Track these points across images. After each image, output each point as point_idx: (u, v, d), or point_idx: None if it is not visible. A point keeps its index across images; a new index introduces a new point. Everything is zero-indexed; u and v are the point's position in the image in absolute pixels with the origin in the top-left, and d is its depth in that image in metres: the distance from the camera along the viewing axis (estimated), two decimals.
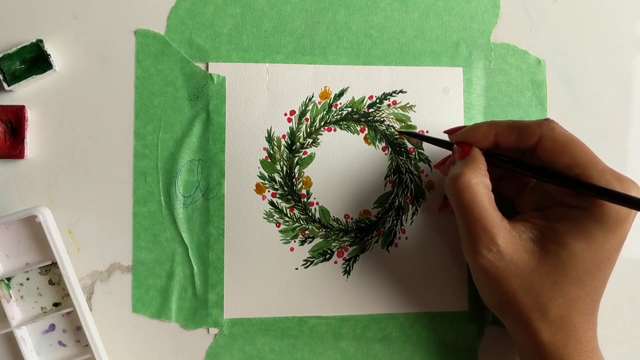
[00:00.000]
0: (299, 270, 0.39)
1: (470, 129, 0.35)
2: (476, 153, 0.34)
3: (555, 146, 0.32)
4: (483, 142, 0.34)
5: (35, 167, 0.37)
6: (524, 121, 0.33)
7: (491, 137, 0.34)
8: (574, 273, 0.31)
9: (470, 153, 0.34)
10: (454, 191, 0.32)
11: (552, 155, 0.32)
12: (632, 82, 0.42)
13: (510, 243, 0.31)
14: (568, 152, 0.31)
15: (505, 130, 0.33)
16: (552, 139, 0.32)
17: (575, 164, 0.31)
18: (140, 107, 0.38)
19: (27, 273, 0.37)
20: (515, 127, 0.33)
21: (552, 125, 0.32)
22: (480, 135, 0.34)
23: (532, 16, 0.41)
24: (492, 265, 0.31)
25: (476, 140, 0.34)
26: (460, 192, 0.32)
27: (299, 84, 0.39)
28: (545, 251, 0.32)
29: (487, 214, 0.31)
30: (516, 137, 0.33)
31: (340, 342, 0.39)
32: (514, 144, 0.33)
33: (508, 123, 0.34)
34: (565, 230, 0.31)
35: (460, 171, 0.32)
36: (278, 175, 0.39)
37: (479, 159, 0.33)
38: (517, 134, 0.33)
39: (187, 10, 0.39)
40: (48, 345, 0.37)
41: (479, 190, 0.32)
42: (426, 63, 0.40)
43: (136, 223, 0.38)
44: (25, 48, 0.36)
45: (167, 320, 0.38)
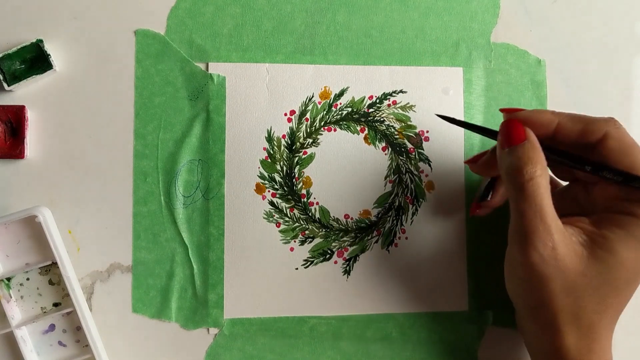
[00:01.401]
0: (299, 270, 0.39)
1: (534, 111, 0.33)
2: (534, 140, 0.31)
3: (621, 147, 0.31)
4: (543, 129, 0.32)
5: (35, 167, 0.37)
6: (589, 116, 0.32)
7: (554, 125, 0.32)
8: (617, 281, 0.31)
9: (529, 138, 0.31)
10: (518, 182, 0.30)
11: (615, 155, 0.31)
12: (632, 82, 0.42)
13: (564, 243, 0.30)
14: (632, 154, 0.31)
15: (570, 121, 0.32)
16: (618, 139, 0.31)
17: (637, 168, 0.31)
18: (140, 107, 0.38)
19: (27, 273, 0.37)
20: (581, 120, 0.32)
21: (618, 124, 0.32)
22: (544, 120, 0.32)
23: (532, 16, 0.41)
24: (544, 262, 0.30)
25: (538, 125, 0.32)
26: (526, 182, 0.30)
27: (299, 84, 0.39)
28: (593, 257, 0.31)
29: (548, 209, 0.30)
30: (580, 130, 0.32)
31: (340, 342, 0.39)
32: (576, 137, 0.32)
33: (572, 115, 0.32)
34: (615, 237, 0.31)
35: (525, 159, 0.31)
36: (278, 175, 0.39)
37: (538, 146, 0.31)
38: (582, 126, 0.32)
39: (187, 10, 0.39)
40: (48, 345, 0.37)
41: (542, 183, 0.30)
42: (426, 63, 0.40)
43: (136, 223, 0.38)
44: (25, 48, 0.36)
45: (167, 320, 0.38)
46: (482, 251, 0.40)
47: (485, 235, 0.40)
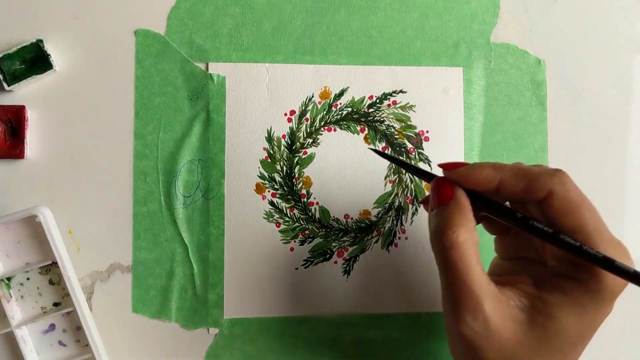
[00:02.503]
0: (299, 270, 0.39)
1: (471, 169, 0.30)
2: (461, 197, 0.30)
3: (564, 206, 0.28)
4: (483, 186, 0.30)
5: (35, 167, 0.37)
6: (533, 169, 0.30)
7: (495, 182, 0.29)
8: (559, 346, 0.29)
9: (455, 196, 0.29)
10: (439, 248, 0.29)
11: (558, 215, 0.28)
12: (632, 82, 0.42)
13: (498, 310, 0.28)
14: (576, 214, 0.28)
15: (513, 178, 0.29)
16: (562, 198, 0.28)
17: (581, 230, 0.28)
18: (140, 107, 0.38)
19: (27, 273, 0.37)
20: (525, 176, 0.29)
21: (564, 180, 0.29)
22: (482, 178, 0.30)
23: (532, 16, 0.41)
24: (475, 334, 0.28)
25: (476, 183, 0.30)
26: (447, 250, 0.28)
27: (299, 84, 0.39)
28: (532, 322, 0.29)
29: (475, 277, 0.28)
30: (524, 187, 0.29)
31: (340, 342, 0.39)
32: (520, 194, 0.29)
33: (517, 169, 0.30)
34: (556, 302, 0.28)
35: (447, 224, 0.29)
36: (278, 175, 0.39)
37: (465, 206, 0.29)
38: (525, 183, 0.29)
39: (187, 10, 0.39)
40: (48, 345, 0.37)
41: (467, 249, 0.28)
42: (426, 63, 0.40)
43: (136, 223, 0.38)
44: (25, 48, 0.36)
45: (167, 320, 0.38)
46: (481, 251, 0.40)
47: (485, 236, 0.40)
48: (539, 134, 0.41)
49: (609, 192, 0.42)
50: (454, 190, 0.30)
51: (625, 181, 0.42)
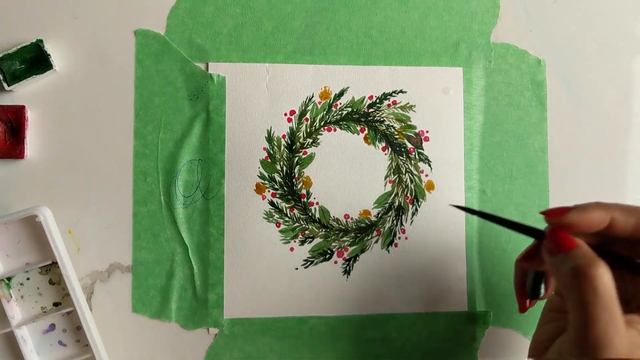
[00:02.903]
0: (299, 270, 0.39)
1: (581, 211, 0.29)
2: (585, 246, 0.29)
3: None
4: (595, 227, 0.29)
5: (35, 167, 0.37)
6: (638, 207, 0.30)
7: (606, 222, 0.29)
8: None
9: (580, 245, 0.29)
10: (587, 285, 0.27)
11: None
12: (632, 82, 0.42)
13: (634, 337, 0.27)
14: None
15: (623, 215, 0.29)
16: None
17: None
18: (140, 107, 0.38)
19: (28, 273, 0.37)
20: (634, 212, 0.29)
21: None
22: (595, 220, 0.29)
23: (532, 16, 0.41)
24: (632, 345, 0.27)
25: (588, 225, 0.29)
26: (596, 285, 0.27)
27: (299, 84, 0.39)
28: None
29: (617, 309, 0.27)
30: (634, 223, 0.29)
31: (340, 342, 0.39)
32: (631, 231, 0.29)
33: (624, 207, 0.29)
34: None
35: (589, 262, 0.27)
36: (278, 175, 0.39)
37: (591, 251, 0.28)
38: (635, 219, 0.29)
39: (187, 10, 0.39)
40: (48, 345, 0.37)
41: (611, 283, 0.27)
42: (426, 63, 0.40)
43: (136, 223, 0.38)
44: (25, 48, 0.36)
45: (167, 320, 0.38)
46: (481, 251, 0.40)
47: (485, 236, 0.40)
48: (539, 134, 0.41)
49: (609, 192, 0.41)
50: (573, 238, 0.29)
51: (625, 181, 0.42)
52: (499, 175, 0.40)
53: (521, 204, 0.40)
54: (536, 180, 0.41)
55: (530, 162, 0.41)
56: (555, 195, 0.41)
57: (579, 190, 0.41)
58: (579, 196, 0.41)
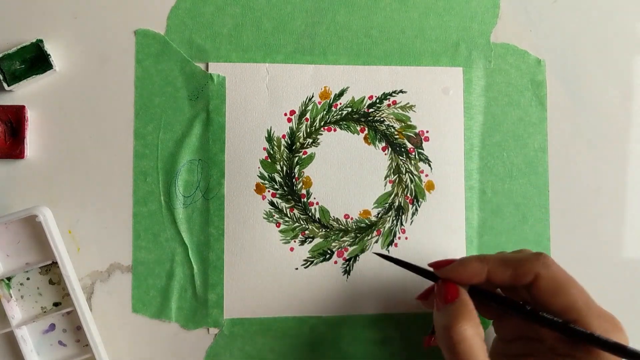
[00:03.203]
0: (299, 270, 0.39)
1: (459, 265, 0.32)
2: (465, 297, 0.31)
3: (552, 286, 0.30)
4: (474, 279, 0.32)
5: (35, 167, 0.37)
6: (516, 257, 0.32)
7: (483, 274, 0.31)
8: None
9: (460, 297, 0.31)
10: (449, 343, 0.30)
11: (547, 296, 0.30)
12: (632, 82, 0.42)
13: None
14: (565, 293, 0.30)
15: (498, 267, 0.31)
16: (548, 278, 0.30)
17: (572, 308, 0.29)
18: (140, 107, 0.38)
19: (27, 273, 0.37)
20: (509, 264, 0.31)
21: (547, 262, 0.31)
22: (471, 272, 0.32)
23: (532, 16, 0.41)
24: None
25: (466, 277, 0.32)
26: (456, 343, 0.29)
27: (299, 84, 0.39)
28: None
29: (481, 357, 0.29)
30: (510, 275, 0.31)
31: (340, 342, 0.39)
32: (508, 281, 0.31)
33: (500, 258, 0.32)
34: None
35: (454, 321, 0.30)
36: (278, 175, 0.39)
37: (469, 303, 0.31)
38: (511, 271, 0.31)
39: (187, 10, 0.39)
40: (48, 345, 0.37)
41: (476, 343, 0.29)
42: (426, 63, 0.40)
43: (136, 223, 0.38)
44: (25, 48, 0.36)
45: (167, 320, 0.38)
46: (481, 251, 0.40)
47: (484, 236, 0.40)
48: (539, 134, 0.41)
49: (609, 192, 0.42)
50: (458, 289, 0.32)
51: (625, 181, 0.42)
52: (499, 175, 0.41)
53: (521, 204, 0.41)
54: (536, 180, 0.41)
55: (530, 162, 0.41)
56: (555, 195, 0.41)
57: (579, 191, 0.41)
58: (579, 196, 0.41)
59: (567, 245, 0.41)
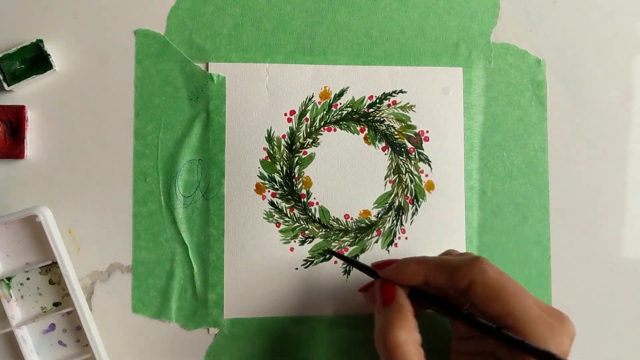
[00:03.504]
0: (299, 270, 0.39)
1: (398, 266, 0.32)
2: (402, 300, 0.31)
3: (487, 292, 0.29)
4: (412, 281, 0.32)
5: (35, 167, 0.37)
6: (454, 261, 0.31)
7: (421, 276, 0.31)
8: None
9: (395, 299, 0.31)
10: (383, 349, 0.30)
11: (483, 302, 0.30)
12: (632, 82, 0.42)
13: None
14: (500, 299, 0.29)
15: (435, 271, 0.31)
16: (483, 285, 0.30)
17: (508, 314, 0.29)
18: (140, 107, 0.38)
19: (27, 273, 0.37)
20: (446, 268, 0.31)
21: (483, 268, 0.30)
22: (409, 274, 0.32)
23: (532, 16, 0.41)
24: None
25: (405, 279, 0.32)
26: (390, 351, 0.29)
27: (299, 84, 0.39)
28: None
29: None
30: (446, 279, 0.31)
31: (340, 342, 0.39)
32: (445, 286, 0.31)
33: (438, 262, 0.31)
34: None
35: (388, 326, 0.30)
36: (278, 175, 0.39)
37: (405, 307, 0.31)
38: (447, 275, 0.31)
39: (187, 10, 0.39)
40: (48, 345, 0.37)
41: (408, 349, 0.29)
42: (426, 63, 0.40)
43: (136, 223, 0.38)
44: (25, 48, 0.36)
45: (167, 320, 0.38)
46: (481, 251, 0.40)
47: (484, 236, 0.40)
48: (539, 134, 0.41)
49: (609, 192, 0.42)
50: (394, 291, 0.32)
51: (625, 181, 0.42)
52: (499, 175, 0.41)
53: (521, 204, 0.41)
54: (536, 180, 0.41)
55: (530, 162, 0.41)
56: (555, 195, 0.41)
57: (579, 191, 0.41)
58: (579, 196, 0.41)
59: (567, 245, 0.41)
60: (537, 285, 0.40)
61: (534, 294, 0.40)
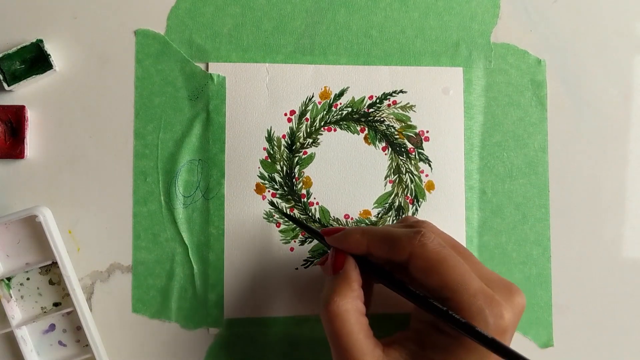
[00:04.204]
0: (299, 270, 0.39)
1: (343, 235, 0.32)
2: (349, 268, 0.31)
3: (425, 265, 0.29)
4: (356, 251, 0.32)
5: (35, 167, 0.37)
6: (396, 233, 0.31)
7: (363, 247, 0.31)
8: None
9: (344, 267, 0.31)
10: (324, 318, 0.30)
11: (421, 274, 0.29)
12: (632, 82, 0.42)
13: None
14: (438, 272, 0.29)
15: (377, 242, 0.31)
16: (421, 257, 0.29)
17: (445, 286, 0.29)
18: (140, 107, 0.38)
19: (27, 273, 0.37)
20: (387, 240, 0.31)
21: (423, 240, 0.30)
22: (352, 243, 0.32)
23: (532, 16, 0.41)
24: None
25: (349, 247, 0.32)
26: (330, 320, 0.29)
27: (299, 84, 0.39)
28: None
29: (357, 344, 0.29)
30: (387, 251, 0.31)
31: None
32: (386, 257, 0.31)
33: (381, 233, 0.31)
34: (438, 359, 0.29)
35: (330, 295, 0.30)
36: (278, 175, 0.39)
37: (351, 276, 0.31)
38: (387, 247, 0.31)
39: (187, 10, 0.39)
40: (48, 345, 0.37)
41: (349, 318, 0.29)
42: (426, 63, 0.40)
43: (136, 223, 0.38)
44: (25, 48, 0.36)
45: (167, 320, 0.38)
46: (481, 251, 0.40)
47: (485, 236, 0.40)
48: (539, 134, 0.41)
49: (609, 192, 0.42)
50: (345, 260, 0.32)
51: (625, 181, 0.42)
52: (499, 175, 0.41)
53: (521, 204, 0.41)
54: (536, 180, 0.41)
55: (530, 162, 0.41)
56: (555, 195, 0.41)
57: (579, 191, 0.41)
58: (579, 196, 0.41)
59: (567, 245, 0.41)
60: (537, 285, 0.40)
61: (534, 293, 0.40)
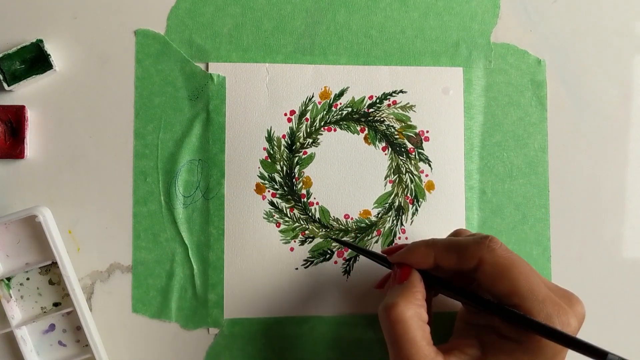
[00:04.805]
0: (299, 270, 0.39)
1: (408, 250, 0.33)
2: (414, 279, 0.32)
3: (495, 271, 0.30)
4: (422, 264, 0.32)
5: (35, 167, 0.37)
6: (463, 241, 0.31)
7: (430, 258, 0.32)
8: None
9: (409, 278, 0.32)
10: (386, 323, 0.30)
11: (491, 280, 0.30)
12: (632, 82, 0.42)
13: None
14: (508, 278, 0.29)
15: (444, 252, 0.31)
16: (491, 263, 0.30)
17: (515, 293, 0.29)
18: (140, 107, 0.38)
19: (27, 273, 0.37)
20: (454, 248, 0.31)
21: (492, 246, 0.30)
22: (418, 257, 0.32)
23: (532, 16, 0.41)
24: None
25: (415, 262, 0.32)
26: (392, 325, 0.29)
27: (299, 84, 0.39)
28: None
29: (420, 351, 0.29)
30: (455, 259, 0.31)
31: (340, 342, 0.39)
32: (454, 266, 0.31)
33: (447, 243, 0.32)
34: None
35: (393, 301, 0.30)
36: (278, 175, 0.39)
37: (416, 286, 0.31)
38: (456, 255, 0.31)
39: (187, 10, 0.39)
40: (48, 345, 0.37)
41: (412, 325, 0.29)
42: (426, 63, 0.40)
43: (136, 223, 0.38)
44: (25, 48, 0.36)
45: (167, 320, 0.38)
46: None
47: None
48: (539, 134, 0.41)
49: (609, 192, 0.42)
50: (410, 272, 0.32)
51: (625, 181, 0.42)
52: (499, 175, 0.41)
53: (521, 204, 0.41)
54: (536, 180, 0.41)
55: (530, 162, 0.41)
56: (555, 195, 0.41)
57: (579, 191, 0.41)
58: (579, 196, 0.41)
59: (567, 245, 0.41)
60: None
61: None
